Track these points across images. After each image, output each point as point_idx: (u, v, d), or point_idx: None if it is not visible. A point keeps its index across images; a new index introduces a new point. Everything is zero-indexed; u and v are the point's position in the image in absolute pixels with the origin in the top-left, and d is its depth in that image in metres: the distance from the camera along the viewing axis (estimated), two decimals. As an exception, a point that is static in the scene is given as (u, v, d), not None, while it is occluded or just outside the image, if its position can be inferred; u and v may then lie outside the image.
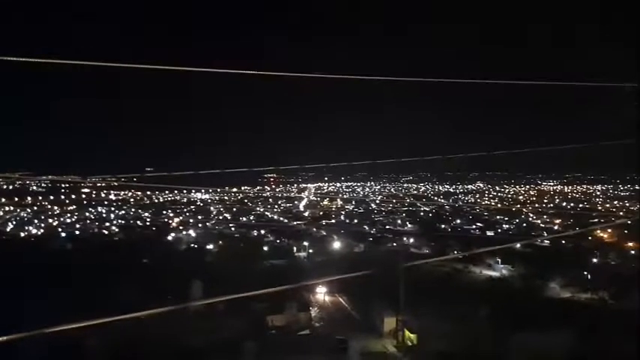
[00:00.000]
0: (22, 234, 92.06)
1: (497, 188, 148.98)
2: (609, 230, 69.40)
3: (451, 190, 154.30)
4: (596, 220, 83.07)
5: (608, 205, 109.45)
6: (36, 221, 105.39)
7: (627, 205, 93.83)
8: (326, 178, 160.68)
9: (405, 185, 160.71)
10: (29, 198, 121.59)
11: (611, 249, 63.73)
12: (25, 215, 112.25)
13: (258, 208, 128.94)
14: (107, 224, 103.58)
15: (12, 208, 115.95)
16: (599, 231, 70.94)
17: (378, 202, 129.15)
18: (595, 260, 60.62)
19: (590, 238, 71.39)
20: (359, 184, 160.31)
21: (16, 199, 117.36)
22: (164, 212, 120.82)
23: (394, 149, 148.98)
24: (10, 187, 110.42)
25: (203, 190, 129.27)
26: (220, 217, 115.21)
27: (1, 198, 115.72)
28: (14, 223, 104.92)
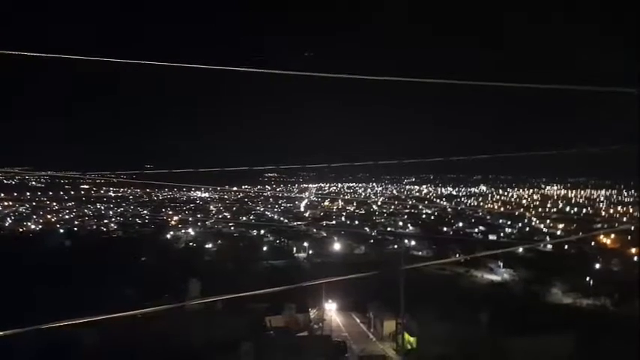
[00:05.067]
0: (21, 229, 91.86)
1: (501, 192, 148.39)
2: (612, 236, 68.86)
3: (454, 192, 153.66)
4: (599, 225, 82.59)
5: (611, 211, 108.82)
6: (34, 217, 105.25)
7: (631, 211, 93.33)
8: (327, 179, 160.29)
9: (407, 187, 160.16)
10: (28, 193, 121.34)
11: (614, 255, 63.18)
12: (24, 210, 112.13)
13: (258, 208, 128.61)
14: (105, 221, 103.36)
15: (11, 203, 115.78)
16: (602, 236, 70.42)
17: (379, 203, 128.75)
18: (598, 266, 60.08)
19: (593, 243, 70.90)
20: (360, 185, 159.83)
21: (15, 194, 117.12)
22: (163, 210, 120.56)
23: (396, 150, 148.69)
24: (10, 182, 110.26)
25: (203, 189, 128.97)
26: (220, 216, 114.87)
27: (0, 193, 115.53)
28: (13, 218, 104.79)
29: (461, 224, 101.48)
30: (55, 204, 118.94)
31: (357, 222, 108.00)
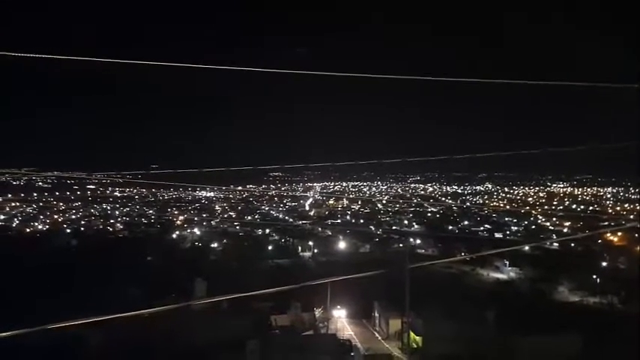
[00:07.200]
0: (28, 230, 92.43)
1: (506, 189, 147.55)
2: (619, 233, 68.33)
3: (459, 190, 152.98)
4: (606, 223, 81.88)
5: (618, 208, 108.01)
6: (41, 217, 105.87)
7: (638, 208, 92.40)
8: (332, 177, 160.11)
9: (412, 185, 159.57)
10: (35, 194, 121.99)
11: (620, 253, 62.71)
12: (31, 211, 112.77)
13: (263, 207, 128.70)
14: (111, 221, 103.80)
15: (18, 204, 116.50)
16: (608, 234, 69.87)
17: (384, 202, 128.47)
18: (604, 264, 59.69)
19: (599, 241, 70.42)
20: (365, 184, 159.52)
21: (22, 195, 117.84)
22: (169, 210, 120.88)
23: (401, 149, 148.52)
24: (17, 183, 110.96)
25: (208, 188, 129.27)
26: (225, 216, 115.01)
27: (7, 194, 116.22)
28: (20, 218, 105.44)
29: (466, 222, 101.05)
30: (61, 204, 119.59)
31: (362, 221, 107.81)
